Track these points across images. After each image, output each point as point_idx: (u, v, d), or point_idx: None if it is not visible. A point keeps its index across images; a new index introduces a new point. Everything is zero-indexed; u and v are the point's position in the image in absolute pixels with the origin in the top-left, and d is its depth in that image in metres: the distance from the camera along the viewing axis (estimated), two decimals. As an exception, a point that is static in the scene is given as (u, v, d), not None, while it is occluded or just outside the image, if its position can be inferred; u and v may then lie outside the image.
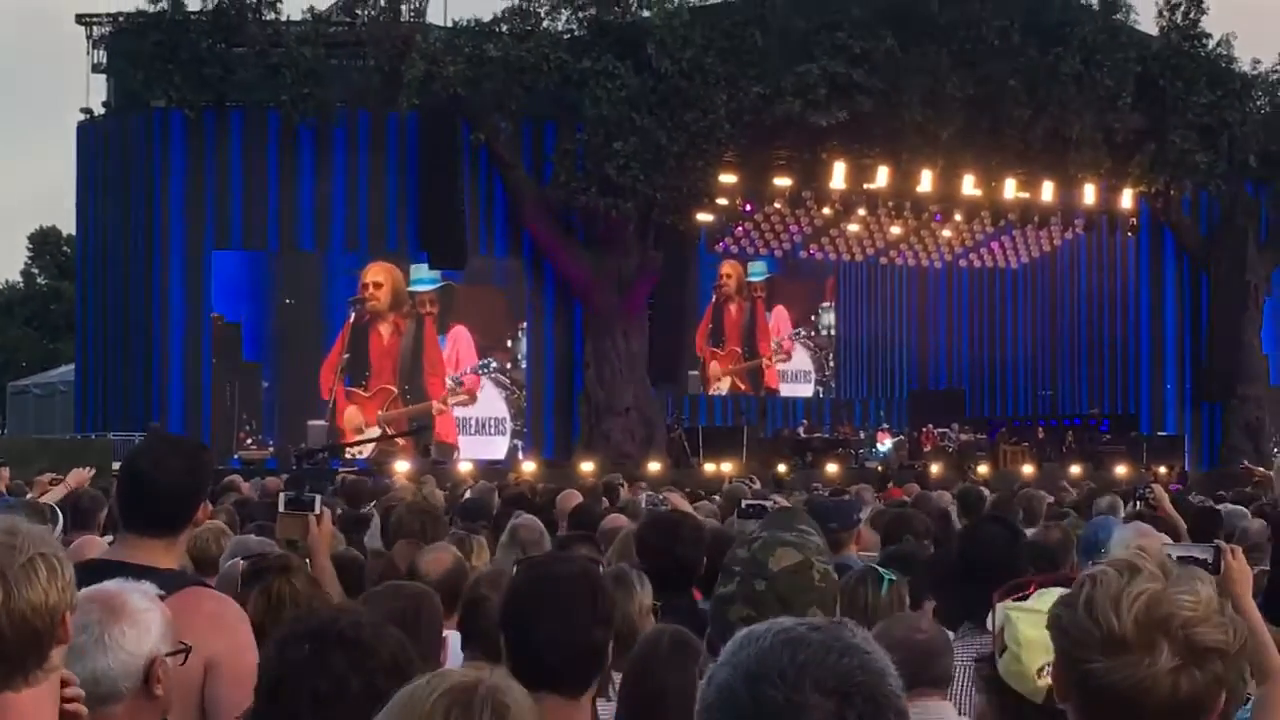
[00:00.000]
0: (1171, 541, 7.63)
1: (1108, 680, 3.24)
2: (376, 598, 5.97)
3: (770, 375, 53.08)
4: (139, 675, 4.25)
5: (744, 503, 10.05)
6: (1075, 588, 3.37)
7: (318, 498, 7.80)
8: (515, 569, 5.39)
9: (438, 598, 6.10)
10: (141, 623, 4.28)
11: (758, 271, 51.85)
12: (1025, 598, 5.71)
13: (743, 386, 51.88)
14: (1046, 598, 5.59)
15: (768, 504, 10.23)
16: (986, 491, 17.06)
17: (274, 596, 6.32)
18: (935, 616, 6.86)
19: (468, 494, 17.55)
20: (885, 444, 45.91)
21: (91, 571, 4.74)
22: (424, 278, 42.87)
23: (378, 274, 42.79)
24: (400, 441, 40.87)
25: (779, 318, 52.85)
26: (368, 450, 40.83)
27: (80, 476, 12.62)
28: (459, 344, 43.42)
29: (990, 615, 5.54)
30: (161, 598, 4.47)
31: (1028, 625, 5.31)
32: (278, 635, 4.32)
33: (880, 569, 6.73)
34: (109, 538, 9.17)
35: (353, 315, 42.59)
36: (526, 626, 4.87)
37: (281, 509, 7.80)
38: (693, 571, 7.38)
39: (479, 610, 5.95)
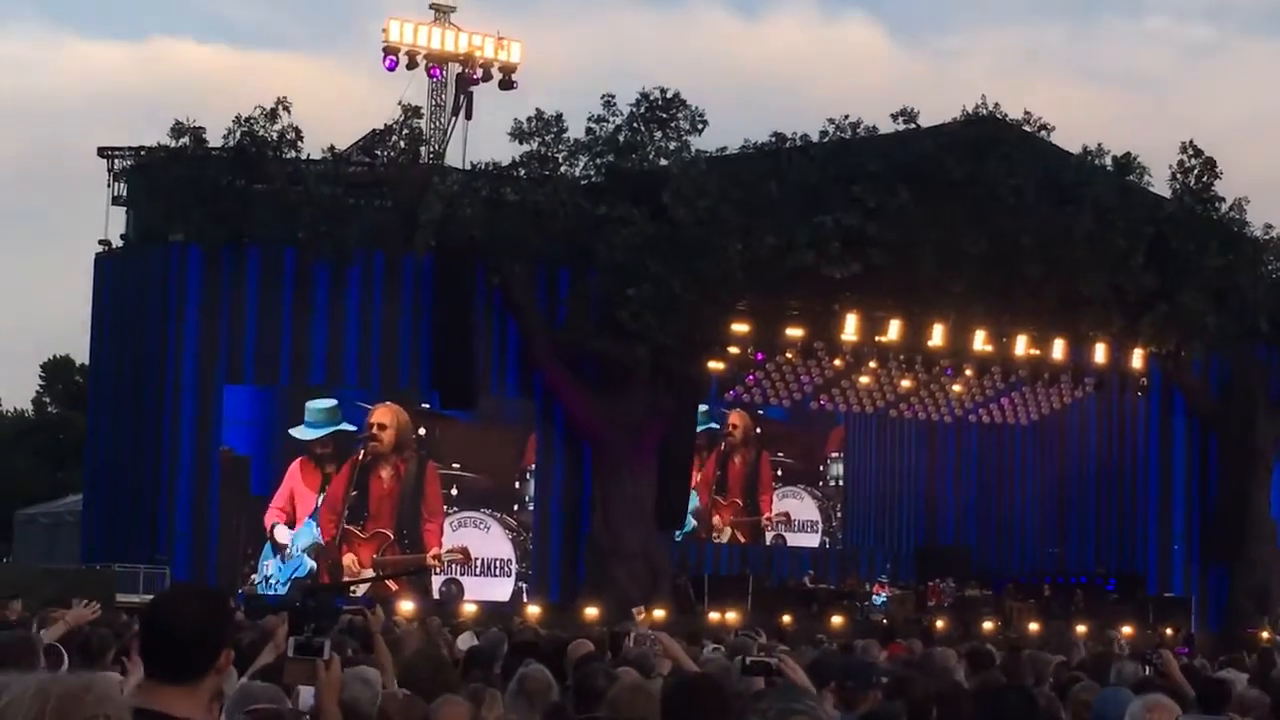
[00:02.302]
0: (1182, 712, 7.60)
1: None
2: None
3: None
4: None
5: (748, 660, 9.95)
6: None
7: (326, 642, 7.75)
8: None
9: None
10: None
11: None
12: None
13: (743, 539, 51.69)
14: None
15: (772, 661, 10.16)
16: (995, 650, 16.92)
17: None
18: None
19: (470, 640, 17.45)
20: (880, 596, 45.60)
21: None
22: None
23: (383, 416, 42.77)
24: (392, 584, 40.56)
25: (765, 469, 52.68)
26: (364, 589, 40.49)
27: (80, 615, 12.38)
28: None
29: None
30: None
31: None
32: None
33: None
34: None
35: (360, 453, 42.54)
36: None
37: (290, 654, 7.76)
38: None
39: None
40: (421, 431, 43.13)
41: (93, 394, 47.07)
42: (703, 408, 46.76)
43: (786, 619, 38.77)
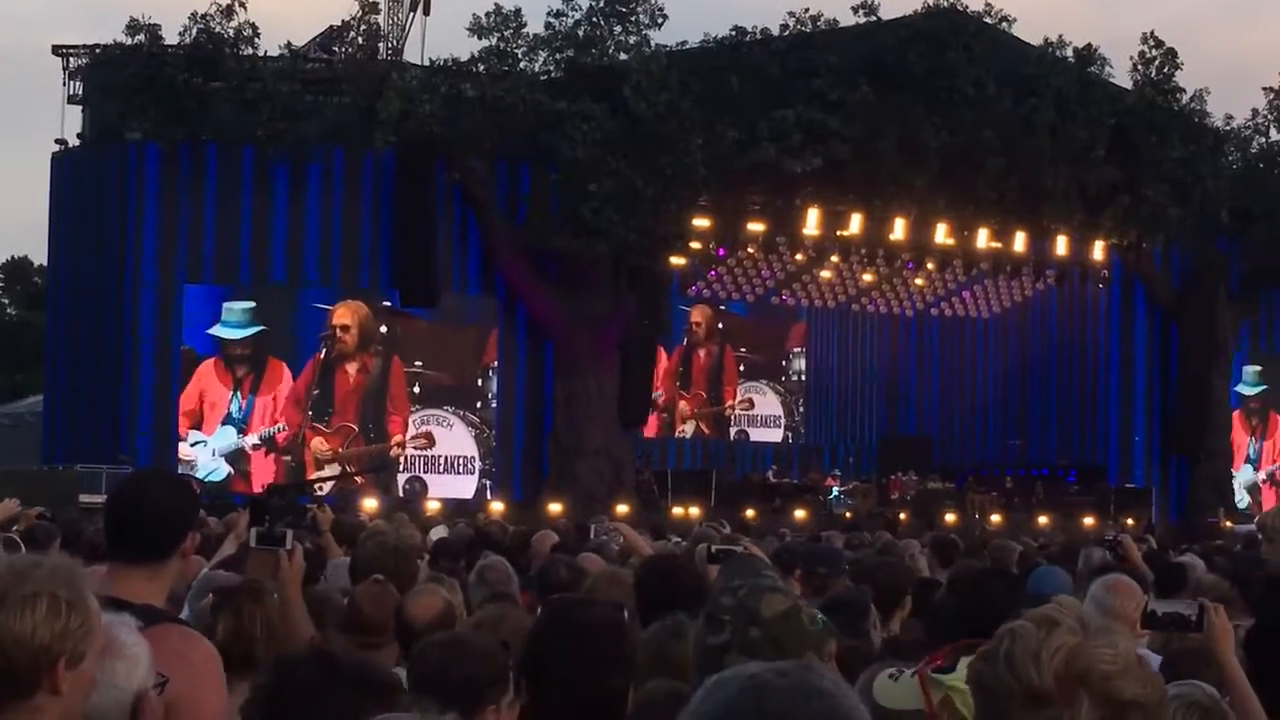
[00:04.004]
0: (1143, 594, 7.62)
1: None
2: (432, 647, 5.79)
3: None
4: (128, 711, 4.21)
5: (713, 548, 9.92)
6: (994, 642, 3.35)
7: (289, 533, 7.76)
8: (539, 612, 5.34)
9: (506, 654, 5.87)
10: (130, 658, 4.24)
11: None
12: (947, 667, 5.68)
13: (707, 431, 51.83)
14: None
15: (738, 549, 10.15)
16: (958, 540, 17.01)
17: (244, 620, 6.31)
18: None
19: (442, 533, 17.47)
20: (834, 490, 45.76)
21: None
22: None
23: (345, 316, 42.66)
24: (359, 479, 40.73)
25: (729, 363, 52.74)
26: (328, 487, 40.47)
27: (6, 508, 12.60)
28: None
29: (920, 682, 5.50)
30: None
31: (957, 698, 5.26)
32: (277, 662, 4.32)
33: (817, 613, 6.46)
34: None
35: (323, 351, 42.48)
36: (546, 670, 4.85)
37: (252, 545, 7.77)
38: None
39: None
40: (384, 329, 43.07)
41: (51, 295, 46.86)
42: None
43: (749, 513, 38.91)
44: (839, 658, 6.30)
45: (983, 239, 46.54)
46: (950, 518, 41.74)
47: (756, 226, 44.72)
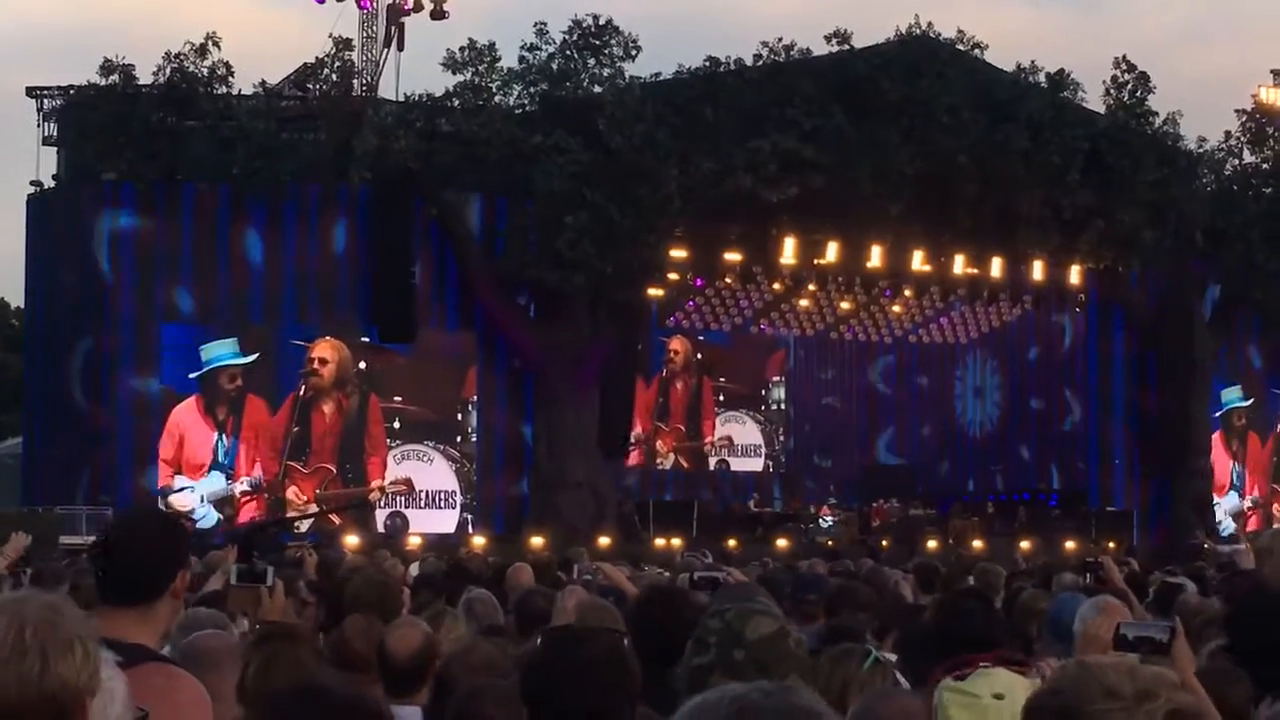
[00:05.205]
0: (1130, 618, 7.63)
1: None
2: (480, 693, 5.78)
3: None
4: None
5: (696, 575, 9.95)
6: (1051, 681, 3.43)
7: (269, 569, 7.75)
8: (539, 640, 5.33)
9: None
10: (106, 691, 4.22)
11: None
12: (965, 675, 5.68)
13: (686, 465, 51.71)
14: (982, 681, 5.55)
15: (720, 576, 10.18)
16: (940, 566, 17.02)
17: (274, 661, 6.28)
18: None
19: (416, 568, 17.44)
20: (827, 520, 45.72)
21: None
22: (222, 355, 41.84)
23: (325, 350, 42.57)
24: (335, 518, 40.54)
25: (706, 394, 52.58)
26: (308, 525, 40.27)
27: (17, 545, 12.49)
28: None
29: (932, 690, 5.49)
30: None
31: (958, 708, 5.27)
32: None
33: (871, 649, 6.51)
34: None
35: (303, 389, 42.37)
36: (546, 701, 4.84)
37: (233, 581, 7.75)
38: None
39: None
40: (362, 365, 42.99)
41: (29, 336, 46.77)
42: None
43: (732, 543, 38.89)
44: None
45: (959, 265, 46.68)
46: (932, 544, 41.72)
47: (733, 256, 44.80)
